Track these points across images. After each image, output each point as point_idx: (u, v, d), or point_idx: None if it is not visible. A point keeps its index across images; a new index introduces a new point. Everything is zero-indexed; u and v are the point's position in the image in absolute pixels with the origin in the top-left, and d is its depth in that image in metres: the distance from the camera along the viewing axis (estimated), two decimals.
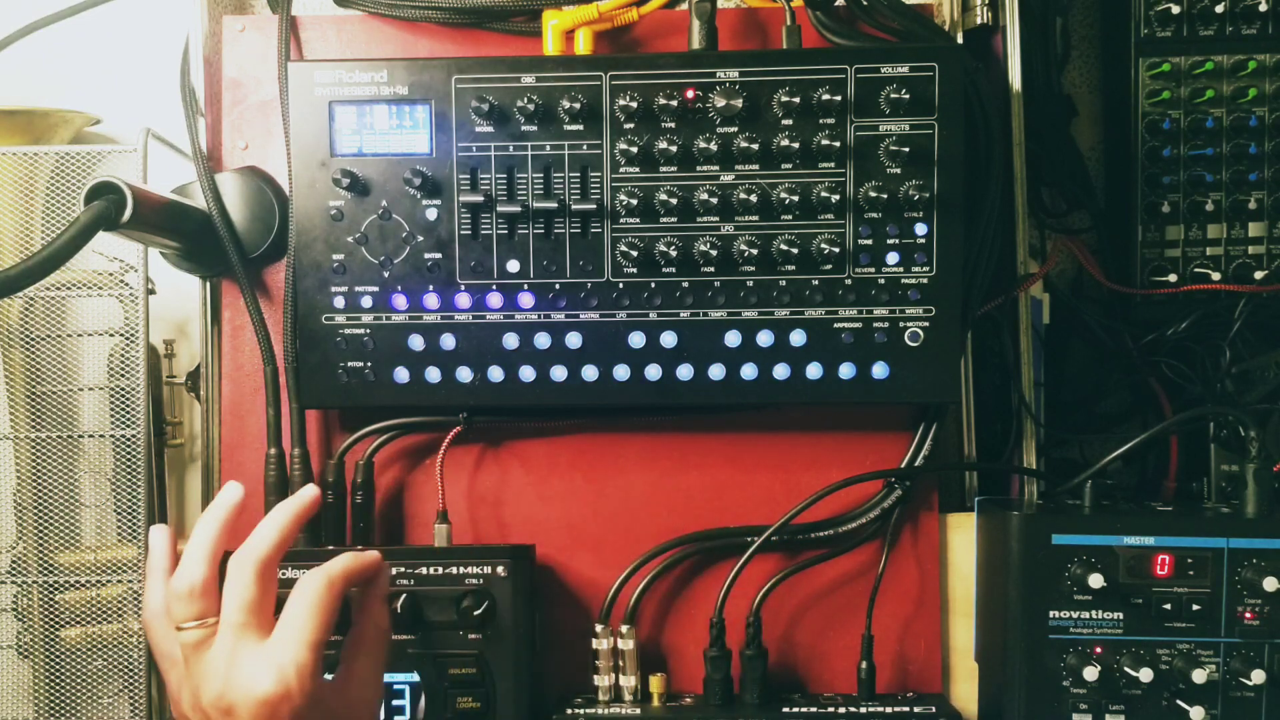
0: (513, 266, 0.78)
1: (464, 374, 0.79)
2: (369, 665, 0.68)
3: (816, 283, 0.78)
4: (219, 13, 0.88)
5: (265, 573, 0.63)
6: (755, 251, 0.77)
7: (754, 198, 0.76)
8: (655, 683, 0.81)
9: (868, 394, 0.78)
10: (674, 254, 0.77)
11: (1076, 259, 0.95)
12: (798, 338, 0.78)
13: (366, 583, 0.70)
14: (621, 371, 0.78)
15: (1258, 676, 0.73)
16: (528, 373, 0.79)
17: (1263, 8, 0.88)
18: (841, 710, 0.79)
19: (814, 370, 0.78)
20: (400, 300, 0.79)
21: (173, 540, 0.70)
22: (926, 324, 0.78)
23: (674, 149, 0.76)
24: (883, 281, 0.78)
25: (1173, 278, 0.90)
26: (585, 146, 0.77)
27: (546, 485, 0.85)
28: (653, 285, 0.78)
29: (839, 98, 0.75)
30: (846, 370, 0.78)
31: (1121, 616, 0.75)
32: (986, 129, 0.81)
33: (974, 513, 0.84)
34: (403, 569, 0.77)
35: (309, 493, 0.69)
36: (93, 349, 0.86)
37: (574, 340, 0.78)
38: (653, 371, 0.78)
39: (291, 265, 0.80)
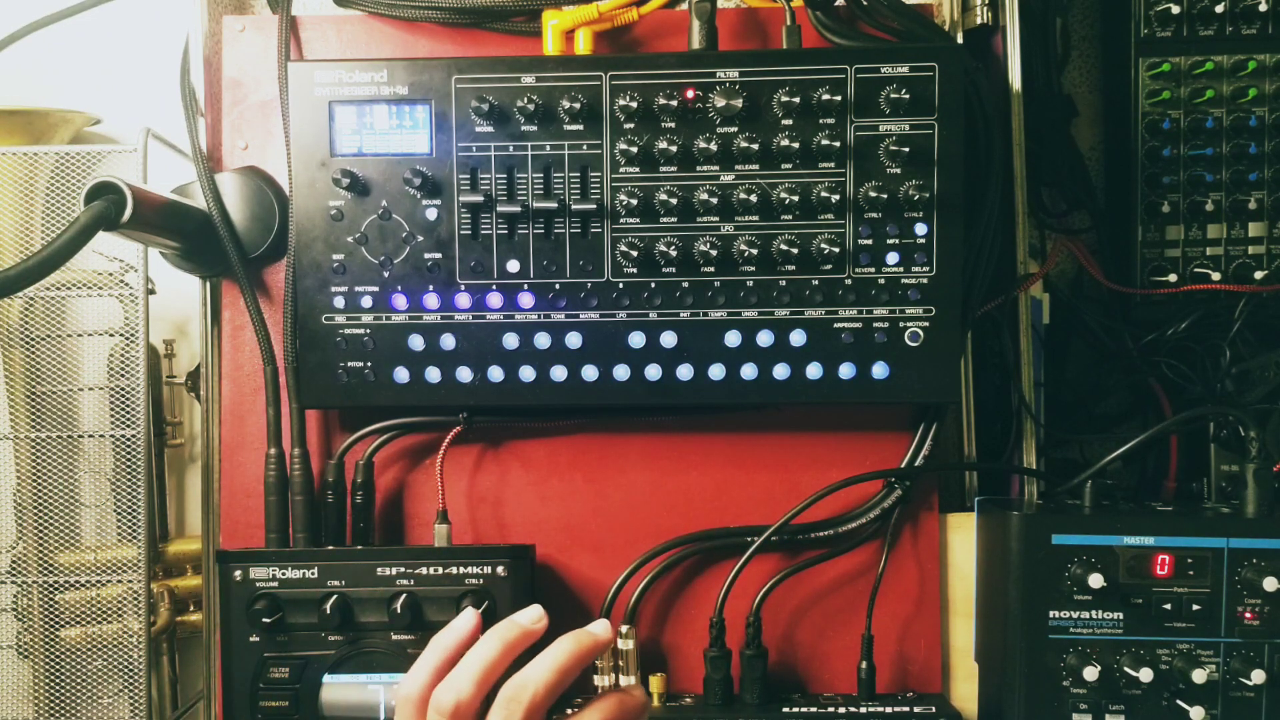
0: (513, 266, 0.78)
1: (464, 374, 0.79)
2: None
3: (816, 283, 0.78)
4: (219, 13, 0.88)
5: (534, 713, 0.58)
6: (755, 251, 0.77)
7: (754, 198, 0.76)
8: (655, 683, 0.81)
9: (868, 394, 0.78)
10: (674, 254, 0.77)
11: (1076, 259, 0.94)
12: (798, 338, 0.78)
13: None
14: (621, 371, 0.78)
15: (1258, 676, 0.73)
16: (528, 373, 0.79)
17: (1263, 8, 0.88)
18: (841, 710, 0.79)
19: (814, 370, 0.78)
20: (400, 300, 0.79)
21: (476, 632, 0.63)
22: (926, 324, 0.78)
23: (674, 149, 0.76)
24: (883, 281, 0.78)
25: (1173, 278, 0.90)
26: (585, 146, 0.77)
27: (546, 485, 0.85)
28: (653, 285, 0.78)
29: (839, 98, 0.75)
30: (846, 370, 0.78)
31: (1121, 616, 0.75)
32: (986, 129, 0.81)
33: (974, 513, 0.84)
34: (403, 569, 0.77)
35: (602, 631, 0.62)
36: (93, 349, 0.86)
37: (574, 340, 0.78)
38: (653, 371, 0.78)
39: (291, 265, 0.80)
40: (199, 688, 0.89)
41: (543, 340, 0.78)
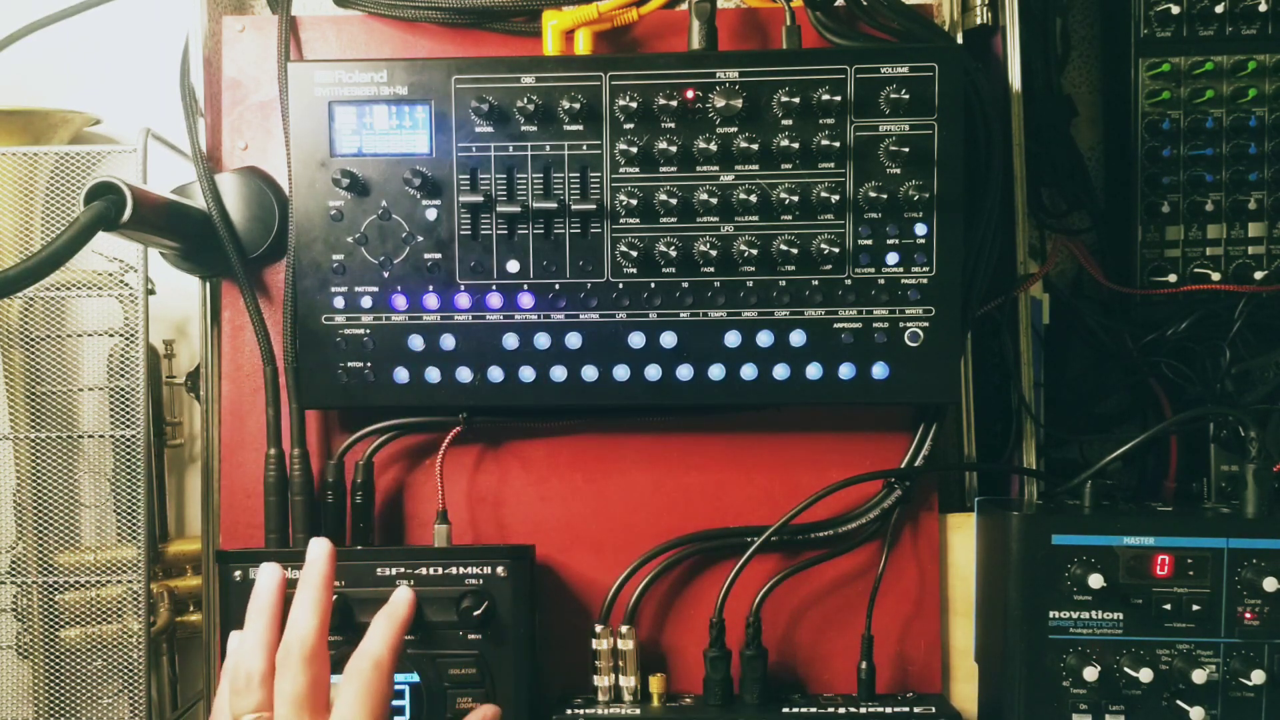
0: (512, 267, 0.78)
1: (464, 374, 0.79)
2: None
3: (816, 283, 0.78)
4: (219, 13, 0.88)
5: (312, 660, 0.60)
6: (755, 252, 0.77)
7: (754, 198, 0.76)
8: (655, 683, 0.80)
9: (868, 394, 0.78)
10: (674, 254, 0.77)
11: (1076, 259, 0.94)
12: (797, 338, 0.78)
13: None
14: (621, 371, 0.78)
15: (1258, 676, 0.73)
16: (527, 373, 0.79)
17: (1263, 8, 0.88)
18: (841, 710, 0.79)
19: (814, 370, 0.78)
20: (400, 300, 0.79)
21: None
22: (926, 324, 0.78)
23: (674, 149, 0.76)
24: (882, 282, 0.78)
25: (1173, 278, 0.90)
26: (585, 146, 0.77)
27: (546, 485, 0.85)
28: (652, 285, 0.78)
29: (839, 98, 0.75)
30: (846, 370, 0.78)
31: (1121, 616, 0.75)
32: (986, 129, 0.81)
33: (974, 513, 0.84)
34: (403, 569, 0.77)
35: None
36: (93, 349, 0.86)
37: (574, 340, 0.78)
38: (652, 371, 0.78)
39: (291, 265, 0.80)
40: (199, 688, 0.89)
41: (542, 340, 0.78)
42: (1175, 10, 0.89)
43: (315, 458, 0.84)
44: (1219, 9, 0.89)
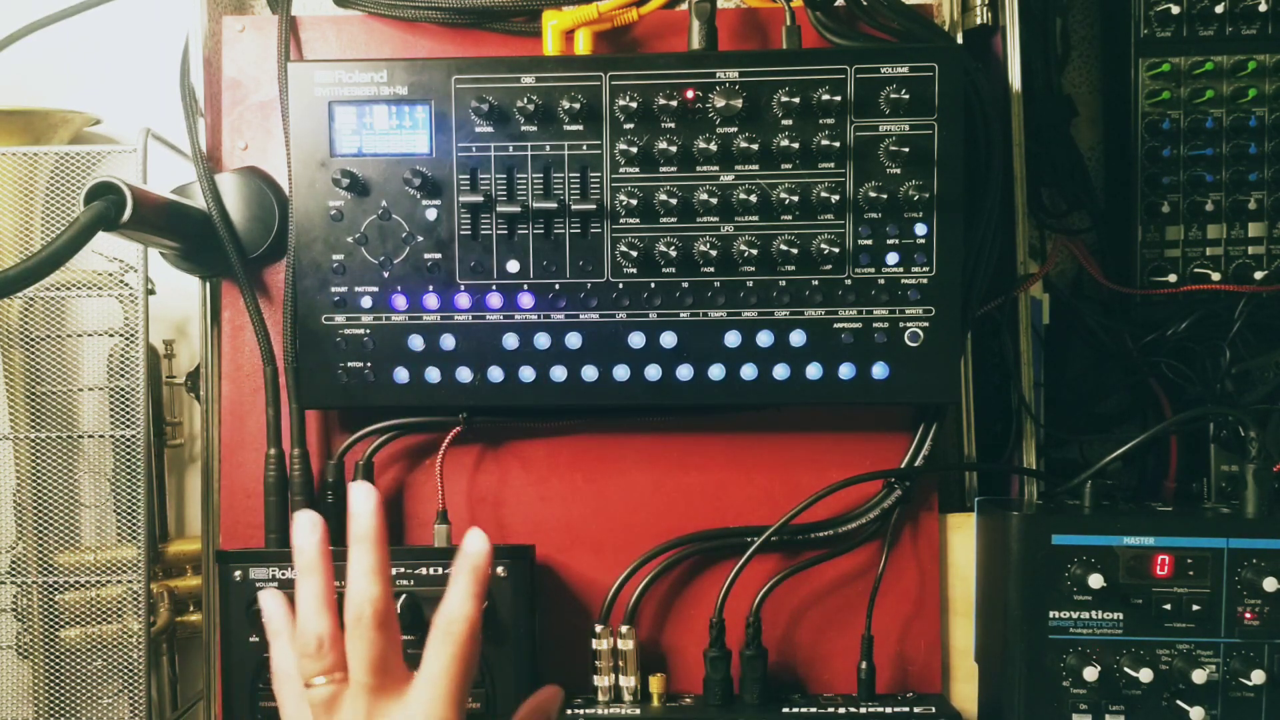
0: (512, 267, 0.78)
1: (464, 374, 0.79)
2: None
3: (816, 283, 0.78)
4: (219, 13, 0.88)
5: (386, 623, 0.56)
6: (755, 252, 0.77)
7: (754, 198, 0.76)
8: (655, 683, 0.81)
9: (867, 394, 0.78)
10: (674, 254, 0.77)
11: (1076, 259, 0.94)
12: (797, 338, 0.78)
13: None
14: (621, 372, 0.78)
15: (1258, 676, 0.73)
16: (527, 373, 0.79)
17: (1263, 8, 0.88)
18: (841, 710, 0.79)
19: (814, 370, 0.78)
20: (400, 300, 0.79)
21: (286, 599, 0.62)
22: (926, 324, 0.78)
23: (674, 149, 0.76)
24: (882, 282, 0.78)
25: (1172, 278, 0.90)
26: (585, 146, 0.77)
27: (546, 485, 0.85)
28: (652, 285, 0.78)
29: (839, 98, 0.75)
30: (846, 370, 0.78)
31: (1121, 616, 0.75)
32: (986, 129, 0.81)
33: (974, 513, 0.84)
34: (403, 569, 0.77)
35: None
36: (93, 349, 0.86)
37: (574, 340, 0.78)
38: (652, 372, 0.78)
39: (291, 265, 0.80)
40: (199, 688, 0.89)
41: (542, 340, 0.78)
42: (1175, 10, 0.89)
43: (315, 458, 0.84)
44: (1219, 9, 0.89)
